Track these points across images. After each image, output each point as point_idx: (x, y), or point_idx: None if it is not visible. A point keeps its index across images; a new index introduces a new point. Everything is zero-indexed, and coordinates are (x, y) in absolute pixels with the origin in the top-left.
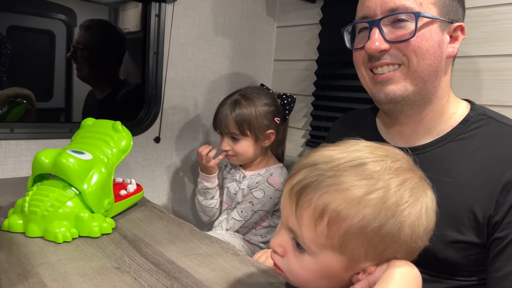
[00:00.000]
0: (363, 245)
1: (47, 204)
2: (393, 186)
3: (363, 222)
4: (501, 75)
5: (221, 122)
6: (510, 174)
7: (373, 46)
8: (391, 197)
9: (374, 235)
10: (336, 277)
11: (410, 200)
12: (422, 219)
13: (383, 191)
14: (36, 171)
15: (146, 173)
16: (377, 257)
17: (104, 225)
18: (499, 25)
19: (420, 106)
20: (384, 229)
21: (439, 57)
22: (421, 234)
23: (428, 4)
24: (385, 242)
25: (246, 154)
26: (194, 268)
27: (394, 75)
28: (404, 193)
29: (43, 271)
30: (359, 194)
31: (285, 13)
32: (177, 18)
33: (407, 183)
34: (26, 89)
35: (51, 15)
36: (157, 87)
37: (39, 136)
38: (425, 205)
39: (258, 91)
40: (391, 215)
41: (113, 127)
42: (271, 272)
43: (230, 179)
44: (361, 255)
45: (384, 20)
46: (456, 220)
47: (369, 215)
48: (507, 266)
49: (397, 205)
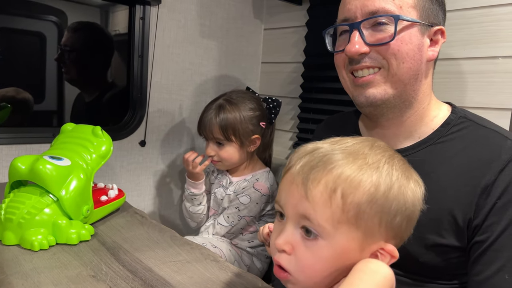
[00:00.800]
0: (376, 213)
1: (23, 211)
2: (396, 156)
3: (374, 188)
4: (485, 77)
5: (206, 127)
6: (490, 177)
7: (353, 49)
8: (395, 164)
9: (384, 201)
10: (351, 261)
11: (399, 170)
12: (417, 187)
13: (389, 160)
14: (13, 177)
15: (132, 177)
16: (390, 228)
17: (82, 232)
18: (483, 27)
19: (401, 110)
20: (391, 193)
21: (419, 61)
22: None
23: (408, 8)
24: (394, 208)
25: (232, 159)
26: (171, 275)
27: (374, 78)
28: (404, 165)
29: (17, 280)
30: (369, 162)
31: (272, 15)
32: (162, 21)
33: (391, 155)
34: (26, 92)
35: (41, 16)
36: (142, 90)
37: (20, 141)
38: (415, 176)
39: (243, 95)
40: (396, 179)
41: (93, 132)
42: (249, 278)
43: (217, 184)
44: (375, 225)
45: (364, 23)
46: (436, 224)
47: (378, 179)
48: (487, 269)
49: (400, 173)
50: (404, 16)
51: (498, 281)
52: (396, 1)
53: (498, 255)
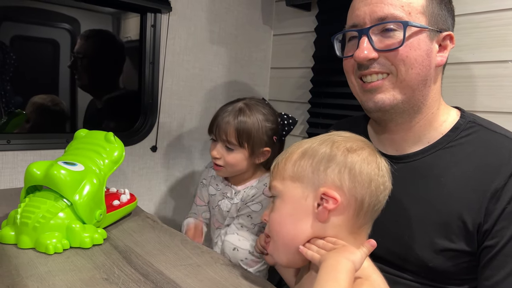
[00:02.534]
0: (307, 163)
1: (38, 216)
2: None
3: (305, 147)
4: (494, 81)
5: (220, 128)
6: (499, 182)
7: (362, 55)
8: (332, 136)
9: (313, 153)
10: (300, 208)
11: (345, 139)
12: (354, 146)
13: (325, 136)
14: (28, 183)
15: (143, 182)
16: (321, 175)
17: (95, 236)
18: (492, 31)
19: (410, 115)
20: (320, 147)
21: (427, 66)
22: (358, 160)
23: (416, 14)
24: (322, 156)
25: (237, 166)
26: (182, 278)
27: (383, 84)
28: (345, 138)
29: (32, 283)
30: (311, 140)
31: (281, 21)
32: (172, 28)
33: (351, 137)
34: (59, 98)
35: (55, 24)
36: (154, 96)
37: (35, 147)
38: (365, 156)
39: (262, 105)
40: (325, 140)
41: (105, 138)
42: (258, 281)
43: (219, 196)
44: (309, 173)
45: (373, 28)
46: (446, 228)
47: (310, 143)
48: (497, 274)
49: (332, 139)
50: (413, 22)
51: (508, 285)
52: (405, 7)
53: (508, 259)
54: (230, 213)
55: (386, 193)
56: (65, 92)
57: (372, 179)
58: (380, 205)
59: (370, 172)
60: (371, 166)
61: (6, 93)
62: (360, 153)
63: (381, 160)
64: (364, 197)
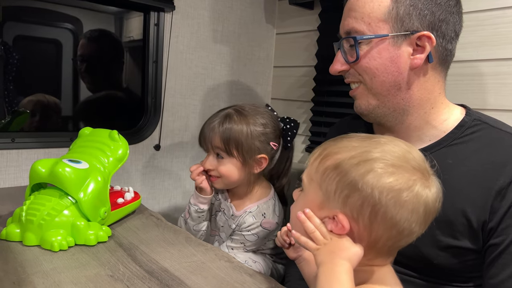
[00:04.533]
0: (335, 179)
1: (43, 213)
2: (384, 149)
3: (341, 159)
4: (499, 79)
5: (206, 136)
6: (505, 180)
7: (333, 68)
8: (375, 153)
9: (344, 172)
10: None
11: (390, 164)
12: (389, 182)
13: (372, 148)
14: (33, 180)
15: (147, 181)
16: (345, 201)
17: (100, 233)
18: (496, 29)
19: (397, 117)
20: (353, 168)
21: (395, 72)
22: (386, 199)
23: (377, 23)
24: (350, 182)
25: (230, 177)
26: (187, 275)
27: (358, 92)
28: (391, 158)
29: (37, 279)
30: (354, 145)
31: (284, 20)
32: (176, 27)
33: (402, 156)
34: (54, 97)
35: (57, 24)
36: (157, 95)
37: (40, 146)
38: (402, 179)
39: (256, 109)
40: (365, 160)
41: (109, 136)
42: (262, 278)
43: (217, 207)
44: (332, 191)
45: (343, 41)
46: (450, 226)
47: (349, 156)
48: (502, 272)
49: (371, 163)
50: (366, 35)
51: None
52: (365, 19)
53: None
54: (223, 229)
55: (410, 238)
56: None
57: (397, 224)
58: (399, 246)
59: (398, 216)
60: (404, 209)
61: (9, 92)
62: (393, 192)
63: (427, 204)
64: (380, 237)
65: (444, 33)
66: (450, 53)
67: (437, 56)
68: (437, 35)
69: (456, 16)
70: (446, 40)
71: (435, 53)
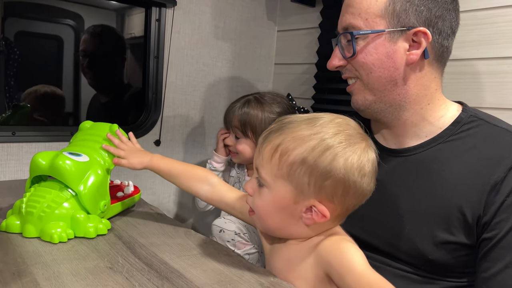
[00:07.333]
0: (305, 173)
1: (43, 205)
2: (331, 132)
3: (304, 154)
4: (498, 78)
5: (227, 118)
6: (499, 175)
7: (330, 64)
8: (329, 138)
9: (313, 164)
10: (288, 209)
11: (344, 142)
12: (353, 160)
13: (323, 133)
14: (34, 172)
15: (147, 176)
16: (321, 189)
17: (99, 226)
18: (496, 28)
19: (393, 113)
20: (321, 159)
21: (391, 68)
22: (355, 175)
23: (374, 18)
24: (322, 172)
25: (245, 154)
26: (186, 268)
27: (355, 87)
28: (341, 137)
29: (37, 270)
30: (305, 134)
31: (285, 17)
32: (177, 23)
33: (345, 132)
34: (60, 90)
35: (59, 20)
36: (158, 91)
37: (40, 139)
38: (359, 152)
39: (275, 98)
40: (326, 149)
41: (110, 129)
42: (261, 271)
43: (236, 178)
44: (305, 184)
45: (341, 37)
46: (446, 221)
47: (309, 148)
48: (494, 266)
49: (332, 144)
50: (363, 30)
51: (505, 278)
52: (362, 15)
53: (506, 252)
54: None
55: (370, 194)
56: (69, 87)
57: (363, 191)
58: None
59: (364, 186)
60: (366, 179)
61: (10, 88)
62: (358, 168)
63: (374, 163)
64: (351, 205)
65: (441, 30)
66: (446, 49)
67: (433, 52)
68: (433, 31)
69: (453, 13)
70: (442, 36)
71: (431, 49)
